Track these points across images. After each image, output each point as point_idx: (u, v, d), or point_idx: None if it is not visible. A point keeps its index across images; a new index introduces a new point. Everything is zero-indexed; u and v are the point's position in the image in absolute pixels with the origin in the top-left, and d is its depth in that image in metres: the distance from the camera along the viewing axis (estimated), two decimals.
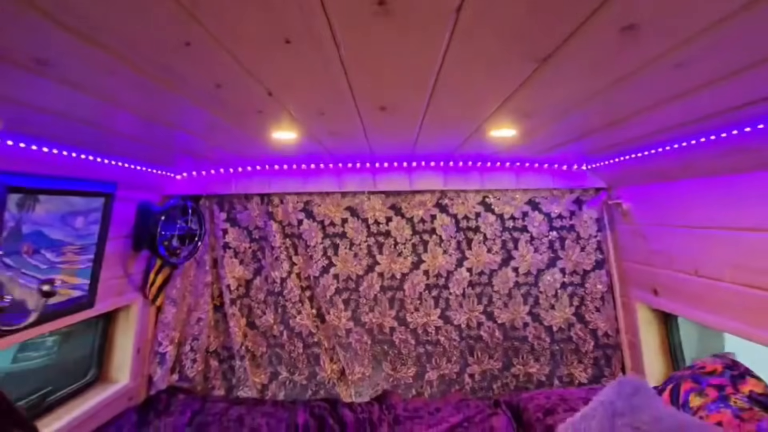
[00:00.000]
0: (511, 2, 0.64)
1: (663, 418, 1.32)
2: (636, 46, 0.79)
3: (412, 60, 0.87)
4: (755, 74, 0.92)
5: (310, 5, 0.63)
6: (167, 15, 0.66)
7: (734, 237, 1.55)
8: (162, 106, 1.17)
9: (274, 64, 0.89)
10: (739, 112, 1.19)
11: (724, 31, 0.72)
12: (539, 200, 2.43)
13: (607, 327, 2.36)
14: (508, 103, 1.18)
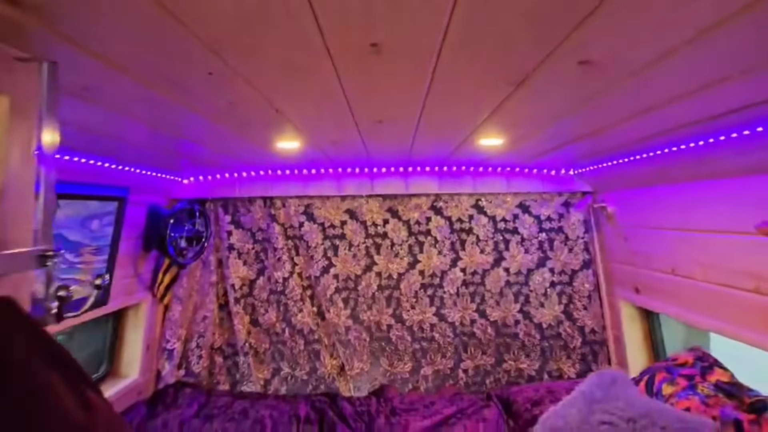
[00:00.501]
0: (483, 42, 0.77)
1: (635, 404, 1.46)
2: (594, 75, 0.92)
3: (404, 87, 1.00)
4: (707, 95, 1.05)
5: (316, 45, 0.76)
6: (196, 52, 0.78)
7: (705, 238, 1.68)
8: (178, 120, 1.30)
9: (283, 88, 1.02)
10: (700, 125, 1.33)
11: (667, 64, 0.85)
12: (529, 203, 2.57)
13: (594, 324, 2.49)
14: (492, 117, 1.31)
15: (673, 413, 1.40)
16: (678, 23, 0.68)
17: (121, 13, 0.63)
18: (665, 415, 1.39)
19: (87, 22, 0.66)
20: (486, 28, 0.71)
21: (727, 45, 0.75)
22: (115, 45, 0.74)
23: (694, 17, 0.65)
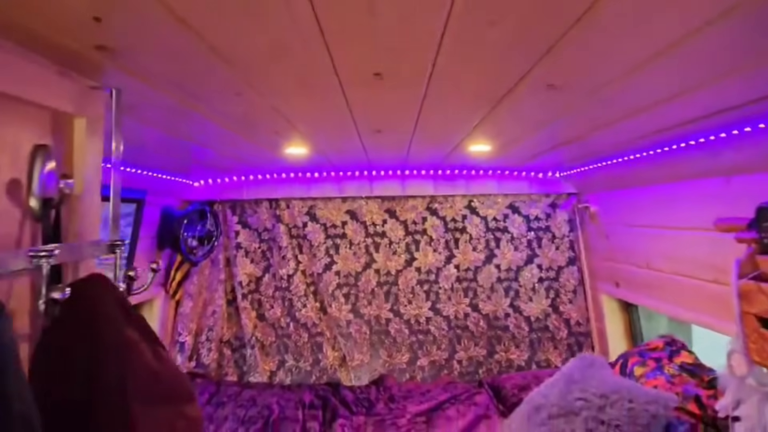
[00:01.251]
0: (464, 71, 0.95)
1: (608, 383, 1.64)
2: (561, 96, 1.11)
3: (401, 104, 1.18)
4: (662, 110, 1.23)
5: (328, 69, 0.94)
6: (228, 77, 0.96)
7: (673, 235, 1.87)
8: (195, 129, 1.47)
9: (296, 103, 1.20)
10: (667, 132, 1.51)
11: (624, 84, 1.03)
12: (518, 204, 2.75)
13: (579, 316, 2.67)
14: (478, 128, 1.50)
15: (641, 390, 1.59)
16: (632, 49, 0.84)
17: (171, 50, 0.80)
18: (634, 391, 1.57)
19: (143, 57, 0.83)
20: (466, 61, 0.89)
21: (685, 64, 0.91)
22: (160, 71, 0.92)
23: (644, 45, 0.82)
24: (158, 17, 0.65)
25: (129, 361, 0.69)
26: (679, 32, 0.73)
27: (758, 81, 1.00)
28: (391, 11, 0.67)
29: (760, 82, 1.01)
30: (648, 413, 1.47)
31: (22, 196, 0.72)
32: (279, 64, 0.88)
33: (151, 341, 0.74)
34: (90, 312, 0.68)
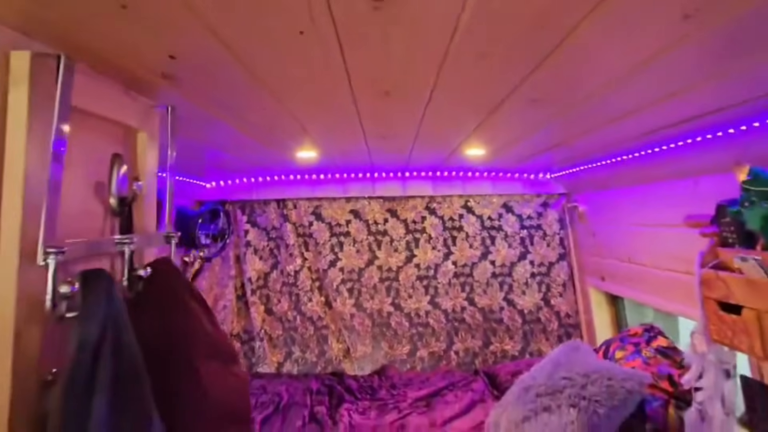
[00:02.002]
0: (460, 88, 1.14)
1: (591, 364, 1.83)
2: (543, 108, 1.30)
3: (405, 115, 1.37)
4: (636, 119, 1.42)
5: (345, 90, 1.12)
6: (263, 96, 1.14)
7: (651, 231, 2.06)
8: (220, 136, 1.65)
9: (314, 116, 1.38)
10: (645, 138, 1.71)
11: (596, 99, 1.22)
12: (512, 204, 2.95)
13: (569, 309, 2.87)
14: (473, 134, 1.69)
15: (619, 369, 1.78)
16: (604, 70, 1.03)
17: (223, 77, 0.99)
18: (613, 370, 1.76)
19: (198, 82, 1.01)
20: (461, 82, 1.08)
21: (654, 80, 1.09)
22: (206, 91, 1.10)
23: (615, 67, 1.01)
24: (221, 56, 0.84)
25: (193, 325, 0.87)
26: (647, 53, 0.91)
27: (716, 95, 1.18)
28: (401, 43, 0.85)
29: (718, 96, 1.20)
30: (624, 389, 1.67)
31: (105, 195, 0.90)
32: (307, 86, 1.06)
33: (206, 311, 0.92)
34: (165, 286, 0.86)
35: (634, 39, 0.83)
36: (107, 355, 0.67)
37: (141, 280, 0.85)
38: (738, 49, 0.86)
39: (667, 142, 1.74)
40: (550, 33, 0.80)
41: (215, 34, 0.76)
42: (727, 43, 0.84)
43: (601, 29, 0.77)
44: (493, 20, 0.74)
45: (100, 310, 0.68)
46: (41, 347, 0.70)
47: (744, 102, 1.24)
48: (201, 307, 0.91)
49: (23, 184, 0.68)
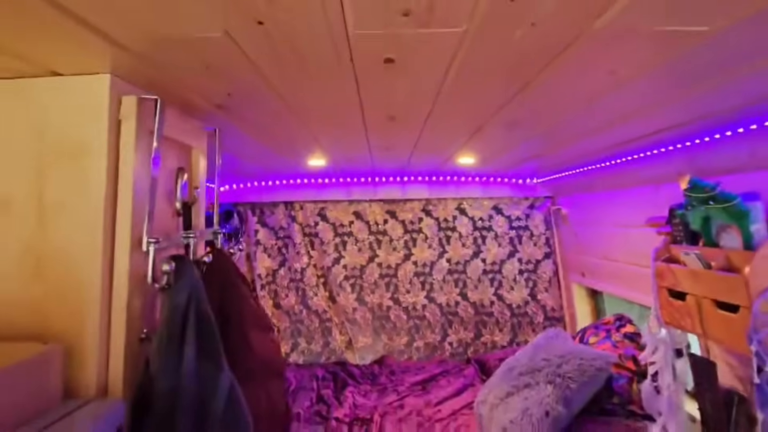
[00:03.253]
0: (449, 115, 1.41)
1: (567, 348, 2.11)
2: (518, 129, 1.57)
3: (406, 133, 1.64)
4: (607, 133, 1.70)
5: (358, 115, 1.39)
6: (289, 119, 1.41)
7: (623, 231, 2.34)
8: (242, 146, 1.92)
9: (329, 134, 1.65)
10: (610, 151, 1.99)
11: (559, 123, 1.50)
12: (502, 206, 3.23)
13: (554, 303, 3.15)
14: (463, 147, 1.97)
15: (590, 351, 2.06)
16: (565, 99, 1.32)
17: (263, 106, 1.25)
18: (584, 352, 2.05)
19: (242, 109, 1.28)
20: (450, 109, 1.35)
21: (621, 99, 1.39)
22: (246, 116, 1.37)
23: (581, 95, 1.29)
24: (265, 93, 1.11)
25: (243, 303, 1.14)
26: (595, 89, 1.18)
27: (665, 116, 1.45)
28: (404, 86, 1.12)
29: (667, 117, 1.46)
30: (593, 367, 1.95)
31: (173, 200, 1.17)
32: (327, 113, 1.34)
33: (251, 291, 1.19)
34: (222, 270, 1.13)
35: (582, 82, 1.11)
36: (192, 317, 0.94)
37: (204, 264, 1.12)
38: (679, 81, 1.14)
39: (632, 153, 2.02)
40: (518, 78, 1.07)
41: (265, 78, 1.03)
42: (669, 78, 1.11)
43: (557, 74, 1.05)
44: (473, 71, 1.01)
45: (187, 284, 0.95)
46: (142, 310, 0.97)
47: (688, 122, 1.52)
48: (246, 287, 1.18)
49: (132, 193, 0.94)
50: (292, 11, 0.71)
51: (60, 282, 0.89)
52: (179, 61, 0.91)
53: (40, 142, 0.93)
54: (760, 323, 1.31)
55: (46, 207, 0.91)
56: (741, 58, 0.89)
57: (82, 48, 0.83)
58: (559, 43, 0.83)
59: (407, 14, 0.72)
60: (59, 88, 0.93)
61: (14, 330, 0.88)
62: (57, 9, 0.68)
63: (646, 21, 0.74)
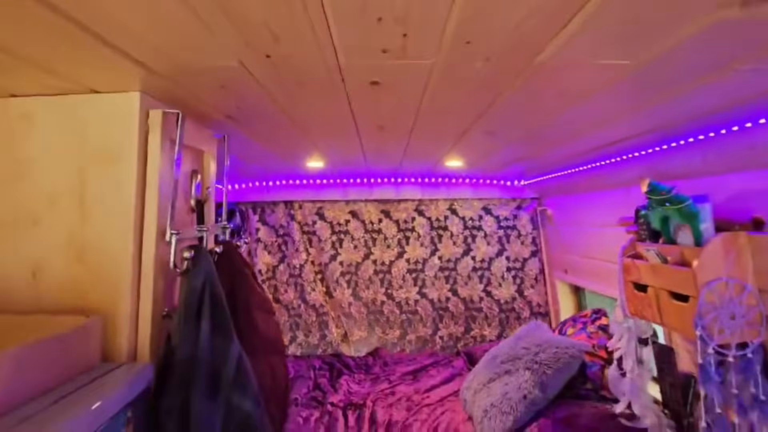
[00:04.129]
0: (432, 124, 1.60)
1: (544, 338, 2.29)
2: (496, 137, 1.76)
3: (395, 140, 1.83)
4: (582, 139, 1.89)
5: (351, 126, 1.58)
6: (290, 129, 1.60)
7: (599, 231, 2.53)
8: (246, 149, 2.10)
9: (326, 140, 1.84)
10: (586, 156, 2.18)
11: (531, 133, 1.69)
12: (491, 207, 3.42)
13: (539, 299, 3.34)
14: (449, 152, 2.15)
15: (566, 341, 2.24)
16: (528, 115, 1.50)
17: (268, 117, 1.44)
18: (561, 342, 2.23)
19: (248, 118, 1.47)
20: (431, 121, 1.54)
21: (592, 109, 1.58)
22: (251, 124, 1.55)
23: (533, 115, 1.48)
24: (270, 107, 1.29)
25: (249, 288, 1.32)
26: (556, 107, 1.38)
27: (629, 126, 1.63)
28: (389, 102, 1.31)
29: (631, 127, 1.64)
30: (567, 355, 2.13)
31: (188, 198, 1.35)
32: (324, 123, 1.52)
33: (255, 277, 1.37)
34: (232, 259, 1.31)
35: (539, 102, 1.30)
36: (207, 297, 1.12)
37: (216, 254, 1.30)
38: (621, 102, 1.33)
39: (604, 159, 2.21)
40: (484, 98, 1.26)
41: (270, 96, 1.22)
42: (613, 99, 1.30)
43: (515, 96, 1.23)
44: (445, 92, 1.20)
45: (203, 270, 1.13)
46: (165, 291, 1.16)
47: (645, 133, 1.71)
48: (252, 274, 1.36)
49: (157, 192, 1.13)
50: (294, 48, 0.90)
51: (98, 265, 1.08)
52: (199, 82, 1.10)
53: (82, 149, 1.11)
54: (705, 310, 1.50)
55: (86, 203, 1.10)
56: (665, 84, 1.08)
57: (118, 71, 1.02)
58: (511, 73, 1.02)
59: (386, 51, 0.91)
60: (97, 103, 1.12)
61: (61, 305, 1.07)
62: (99, 40, 0.86)
63: (577, 57, 0.93)
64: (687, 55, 0.90)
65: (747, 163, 1.53)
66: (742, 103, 1.24)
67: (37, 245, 1.09)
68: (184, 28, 0.81)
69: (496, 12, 0.75)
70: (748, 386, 1.49)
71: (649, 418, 1.87)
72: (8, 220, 1.09)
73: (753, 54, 0.89)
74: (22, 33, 0.82)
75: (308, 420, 2.31)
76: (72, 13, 0.75)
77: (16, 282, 1.08)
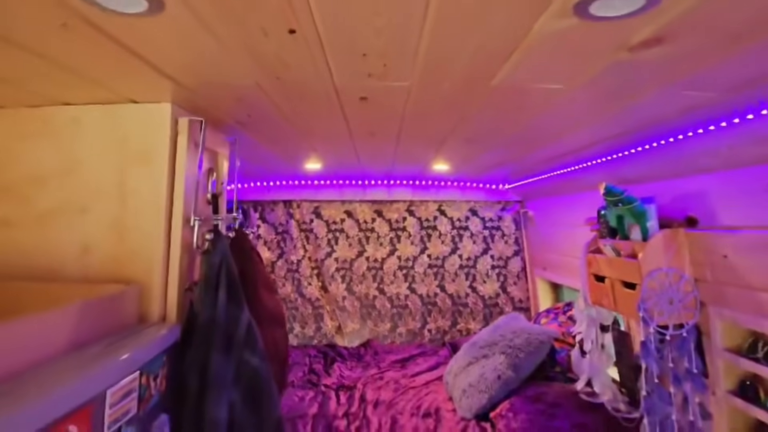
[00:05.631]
0: (416, 132, 1.85)
1: (519, 326, 2.55)
2: (477, 145, 2.02)
3: (384, 144, 2.09)
4: (555, 144, 2.15)
5: (345, 132, 1.83)
6: (294, 135, 1.85)
7: (572, 231, 2.79)
8: (249, 150, 2.36)
9: (323, 143, 2.09)
10: (566, 157, 2.44)
11: (514, 137, 1.95)
12: (477, 208, 3.68)
13: (521, 295, 3.60)
14: (435, 157, 2.41)
15: (538, 328, 2.50)
16: (497, 125, 1.76)
17: (273, 123, 1.69)
18: (533, 329, 2.49)
19: (257, 124, 1.72)
20: (415, 127, 1.79)
21: (565, 111, 1.84)
22: (258, 128, 1.80)
23: (500, 125, 1.74)
24: (276, 116, 1.55)
25: (255, 268, 1.57)
26: (528, 118, 1.64)
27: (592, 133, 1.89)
28: (376, 111, 1.56)
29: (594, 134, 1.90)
30: (538, 340, 2.39)
31: (205, 192, 1.60)
32: (322, 129, 1.78)
33: (262, 261, 1.62)
34: (242, 244, 1.56)
35: (502, 115, 1.55)
36: (224, 272, 1.37)
37: (229, 239, 1.55)
38: (574, 116, 1.59)
39: (576, 163, 2.47)
40: (455, 112, 1.52)
41: (277, 107, 1.47)
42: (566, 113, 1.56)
43: (481, 112, 1.49)
44: (423, 107, 1.46)
45: (220, 251, 1.38)
46: (188, 267, 1.41)
47: (603, 140, 1.97)
48: (258, 257, 1.61)
49: (183, 185, 1.38)
50: (300, 73, 1.16)
51: (135, 245, 1.33)
52: (219, 95, 1.35)
53: (122, 149, 1.37)
54: (647, 296, 1.76)
55: (126, 194, 1.35)
56: (595, 102, 1.35)
57: (154, 85, 1.27)
58: (473, 93, 1.28)
59: (371, 75, 1.17)
60: (136, 112, 1.38)
61: (105, 277, 1.31)
62: (143, 62, 1.10)
63: (521, 82, 1.19)
64: (605, 81, 1.16)
65: (683, 170, 1.80)
66: (660, 121, 1.51)
67: (86, 228, 1.34)
68: (212, 56, 1.06)
69: (453, 49, 1.01)
70: (682, 361, 1.75)
71: (607, 394, 2.13)
72: (62, 208, 1.35)
73: (647, 84, 1.16)
74: (89, 58, 1.07)
75: (303, 399, 2.55)
76: (130, 43, 1.00)
77: (69, 258, 1.33)
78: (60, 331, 0.99)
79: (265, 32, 0.93)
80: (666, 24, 0.85)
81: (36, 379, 0.84)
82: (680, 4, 0.78)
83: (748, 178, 1.52)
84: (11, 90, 1.28)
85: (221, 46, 1.00)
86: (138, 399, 1.08)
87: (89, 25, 0.88)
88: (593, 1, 0.79)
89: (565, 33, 0.90)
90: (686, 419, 1.71)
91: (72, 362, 0.94)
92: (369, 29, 0.91)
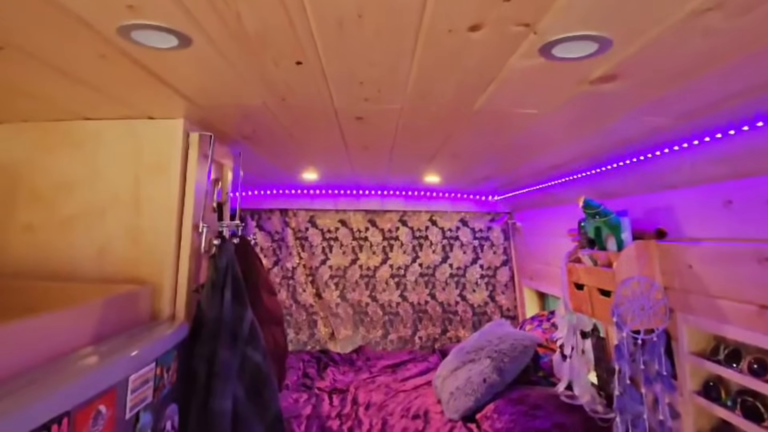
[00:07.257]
0: (406, 147, 2.01)
1: (505, 332, 2.69)
2: (464, 160, 2.18)
3: (378, 157, 2.24)
4: (538, 159, 2.32)
5: (342, 147, 1.98)
6: (293, 148, 2.00)
7: (555, 241, 2.95)
8: (253, 164, 2.50)
9: (320, 156, 2.24)
10: (543, 175, 2.60)
11: (497, 153, 2.11)
12: (467, 219, 3.84)
13: (509, 304, 3.74)
14: (425, 169, 2.57)
15: (522, 334, 2.64)
16: (477, 146, 1.92)
17: (276, 138, 1.84)
18: (518, 334, 2.63)
19: (260, 138, 1.87)
20: (406, 144, 1.95)
21: (546, 129, 2.00)
22: (260, 141, 1.95)
23: (481, 145, 1.90)
24: (279, 130, 1.70)
25: (257, 272, 1.71)
26: (508, 139, 1.80)
27: (573, 150, 2.06)
28: (371, 130, 1.72)
29: (573, 150, 2.07)
30: (522, 345, 2.53)
31: (211, 201, 1.74)
32: (320, 144, 1.93)
33: (263, 265, 1.76)
34: (246, 249, 1.70)
35: (487, 133, 1.71)
36: (230, 273, 1.51)
37: (233, 244, 1.69)
38: (573, 125, 1.75)
39: (559, 177, 2.64)
40: (442, 132, 1.68)
41: (281, 124, 1.62)
42: (546, 129, 1.72)
43: (464, 131, 1.65)
44: (412, 126, 1.62)
45: (226, 255, 1.52)
46: (196, 270, 1.54)
47: (581, 157, 2.14)
48: (259, 262, 1.75)
49: (193, 194, 1.52)
50: (303, 96, 1.31)
51: (148, 248, 1.47)
52: (228, 113, 1.50)
53: (138, 161, 1.51)
54: (620, 302, 1.91)
55: (140, 201, 1.49)
56: (568, 126, 1.51)
57: (170, 103, 1.42)
58: (457, 115, 1.44)
59: (367, 99, 1.32)
60: (151, 127, 1.52)
61: (119, 277, 1.45)
62: (162, 82, 1.25)
63: (500, 107, 1.35)
64: (574, 107, 1.33)
65: (653, 186, 1.96)
66: (630, 141, 1.68)
67: (103, 232, 1.47)
68: (227, 81, 1.21)
69: (437, 80, 1.17)
70: (653, 364, 1.90)
71: (586, 397, 2.27)
72: (82, 213, 1.48)
73: (612, 109, 1.32)
74: (117, 82, 1.22)
75: (298, 400, 2.67)
76: (157, 71, 1.15)
77: (86, 259, 1.46)
78: (87, 324, 1.12)
79: (276, 63, 1.08)
80: (618, 64, 1.01)
81: (71, 365, 0.97)
82: (627, 50, 0.95)
83: (707, 194, 1.68)
84: (38, 105, 1.42)
85: (236, 74, 1.15)
86: (153, 387, 1.21)
87: (125, 56, 1.02)
88: (555, 45, 0.95)
89: (533, 69, 1.06)
90: (656, 418, 1.85)
91: (100, 350, 1.07)
92: (366, 62, 1.07)
